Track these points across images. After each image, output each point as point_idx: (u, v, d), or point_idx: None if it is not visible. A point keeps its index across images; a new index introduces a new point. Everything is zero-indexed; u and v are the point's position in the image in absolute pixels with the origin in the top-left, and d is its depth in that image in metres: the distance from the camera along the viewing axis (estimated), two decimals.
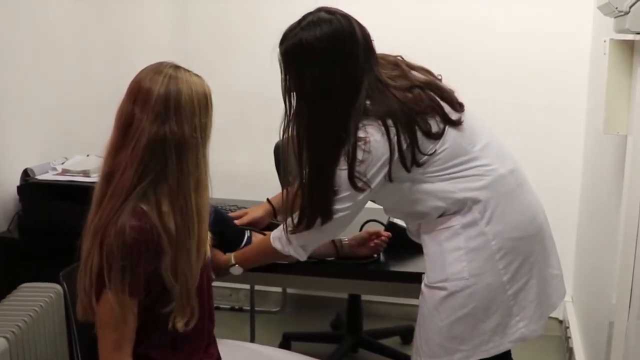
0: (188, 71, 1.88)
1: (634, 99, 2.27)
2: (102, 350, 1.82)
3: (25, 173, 2.73)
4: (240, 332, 3.80)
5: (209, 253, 1.98)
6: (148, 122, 1.80)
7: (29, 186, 2.71)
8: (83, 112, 3.23)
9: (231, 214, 2.61)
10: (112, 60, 3.53)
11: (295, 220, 2.09)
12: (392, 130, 1.96)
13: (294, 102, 2.03)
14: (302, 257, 2.16)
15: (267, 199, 2.59)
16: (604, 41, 2.38)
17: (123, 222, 1.76)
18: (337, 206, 2.04)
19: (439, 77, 2.15)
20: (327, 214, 2.04)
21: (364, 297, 3.68)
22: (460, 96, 2.13)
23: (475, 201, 2.04)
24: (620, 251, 2.31)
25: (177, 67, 1.87)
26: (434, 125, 2.01)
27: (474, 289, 2.03)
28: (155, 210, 1.78)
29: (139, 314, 1.82)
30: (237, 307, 4.20)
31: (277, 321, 4.11)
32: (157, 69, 1.87)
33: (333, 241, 2.38)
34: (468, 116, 2.10)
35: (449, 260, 2.06)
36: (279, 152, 3.47)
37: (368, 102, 1.98)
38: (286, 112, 2.04)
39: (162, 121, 1.80)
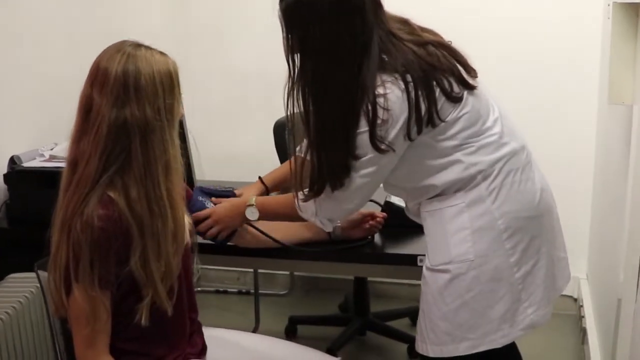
0: (150, 49, 1.78)
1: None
2: (76, 347, 1.75)
3: (12, 160, 2.67)
4: (246, 316, 3.73)
5: (188, 239, 1.88)
6: (107, 106, 1.71)
7: (16, 174, 2.64)
8: (73, 97, 3.13)
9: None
10: (104, 44, 3.44)
11: (306, 190, 1.97)
12: (411, 86, 1.82)
13: (297, 63, 1.89)
14: (328, 227, 2.04)
15: (259, 177, 2.47)
16: (608, 5, 2.25)
17: (90, 211, 1.67)
18: (361, 171, 1.90)
19: (450, 42, 1.99)
20: (342, 181, 1.90)
21: (371, 278, 3.58)
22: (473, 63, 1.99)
23: (485, 176, 1.91)
24: (628, 227, 2.21)
25: (138, 45, 1.77)
26: (453, 86, 1.87)
27: (480, 270, 1.90)
28: (123, 198, 1.70)
29: (113, 306, 1.74)
30: (244, 291, 4.13)
31: (284, 304, 4.04)
32: (116, 48, 1.77)
33: None
34: (481, 85, 1.97)
35: (453, 241, 1.92)
36: (280, 132, 3.39)
37: (385, 57, 1.84)
38: (290, 74, 1.90)
39: (122, 104, 1.70)
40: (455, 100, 1.87)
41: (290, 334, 3.61)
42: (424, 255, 2.05)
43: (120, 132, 1.70)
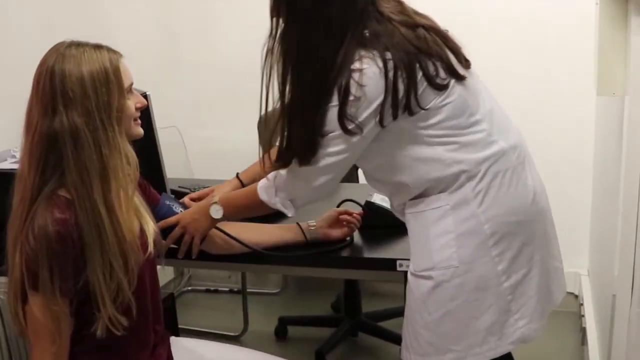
0: (84, 46, 1.67)
1: (630, 54, 2.01)
2: None
3: None
4: (237, 316, 3.63)
5: (151, 248, 1.77)
6: (39, 115, 1.63)
7: None
8: None
9: (193, 194, 2.40)
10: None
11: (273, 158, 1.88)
12: (390, 65, 1.70)
13: (282, 25, 1.79)
14: (290, 211, 1.94)
15: (237, 174, 2.39)
16: None
17: (42, 221, 1.59)
18: (327, 149, 1.79)
19: (446, 31, 1.87)
20: (308, 156, 1.80)
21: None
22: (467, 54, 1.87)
23: (470, 176, 1.79)
24: (621, 219, 2.10)
25: (73, 44, 1.67)
26: (439, 72, 1.76)
27: (465, 278, 1.79)
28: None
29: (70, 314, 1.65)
30: (235, 290, 4.02)
31: (276, 303, 3.93)
32: (53, 49, 1.67)
33: (299, 225, 2.17)
34: (474, 76, 1.86)
35: (436, 245, 1.81)
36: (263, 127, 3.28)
37: (366, 32, 1.73)
38: (271, 33, 1.80)
39: (52, 112, 1.61)
40: (440, 87, 1.76)
41: (280, 335, 3.52)
42: (405, 259, 1.97)
43: (52, 143, 1.61)
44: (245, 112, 3.82)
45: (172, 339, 2.02)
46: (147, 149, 2.33)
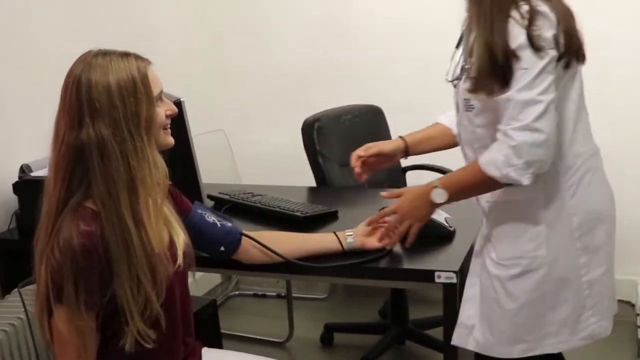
0: (112, 54, 1.63)
1: None
2: None
3: (22, 169, 2.58)
4: (283, 322, 3.58)
5: (180, 260, 1.73)
6: (66, 127, 1.59)
7: (25, 183, 2.55)
8: None
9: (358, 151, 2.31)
10: (129, 45, 3.34)
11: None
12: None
13: None
14: (525, 178, 1.74)
15: (400, 136, 2.29)
16: None
17: (67, 233, 1.55)
18: (520, 63, 1.71)
19: None
20: (507, 77, 1.72)
21: None
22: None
23: (566, 168, 1.83)
24: None
25: (100, 53, 1.63)
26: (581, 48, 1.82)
27: (550, 268, 1.83)
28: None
29: (96, 329, 1.62)
30: (282, 295, 3.97)
31: (323, 309, 3.88)
32: (80, 58, 1.64)
33: (336, 234, 2.11)
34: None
35: (526, 235, 1.84)
36: (308, 131, 3.23)
37: None
38: None
39: (79, 124, 1.57)
40: (581, 58, 1.83)
41: (326, 342, 3.46)
42: (443, 271, 1.94)
43: (78, 155, 1.58)
44: (291, 115, 3.83)
45: (204, 350, 1.98)
46: (182, 156, 2.31)
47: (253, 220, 2.52)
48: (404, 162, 3.49)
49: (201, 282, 3.85)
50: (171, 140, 1.77)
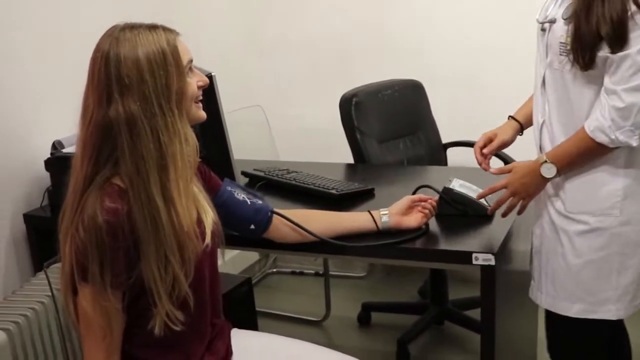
0: (139, 28, 1.57)
1: None
2: (86, 357, 1.60)
3: (54, 146, 2.55)
4: (320, 300, 3.52)
5: (208, 239, 1.68)
6: (95, 103, 1.54)
7: (56, 160, 2.52)
8: None
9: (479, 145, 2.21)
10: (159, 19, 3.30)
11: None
12: None
13: None
14: (635, 140, 1.75)
15: (510, 116, 2.21)
16: None
17: (91, 211, 1.51)
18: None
19: None
20: (624, 37, 1.68)
21: None
22: None
23: None
24: None
25: (127, 27, 1.57)
26: None
27: (621, 230, 1.83)
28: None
29: (122, 310, 1.58)
30: (321, 273, 3.92)
31: (362, 287, 3.82)
32: (107, 33, 1.59)
33: (370, 213, 2.04)
34: None
35: (603, 191, 1.84)
36: (346, 106, 3.15)
37: None
38: None
39: (108, 100, 1.53)
40: None
41: (363, 321, 3.41)
42: (481, 252, 1.87)
43: (107, 133, 1.53)
44: (330, 89, 3.75)
45: (234, 331, 1.94)
46: (214, 132, 2.26)
47: (287, 198, 2.46)
48: (445, 139, 3.43)
49: (238, 260, 3.81)
50: (203, 113, 1.72)
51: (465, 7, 3.62)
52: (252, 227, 1.97)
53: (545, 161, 1.86)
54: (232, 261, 3.77)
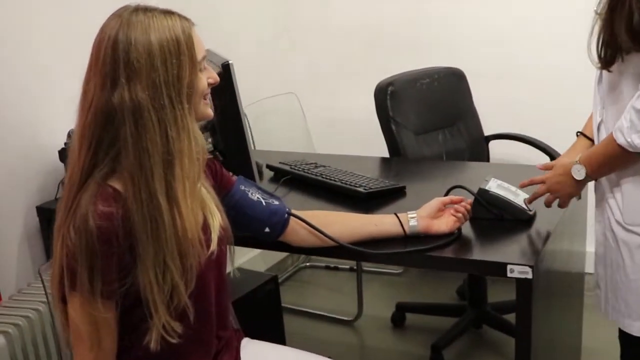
0: (153, 11, 1.43)
1: None
2: None
3: (69, 135, 2.43)
4: (354, 298, 3.36)
5: (214, 246, 1.53)
6: (97, 88, 1.41)
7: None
8: None
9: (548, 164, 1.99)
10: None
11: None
12: None
13: None
14: None
15: (578, 132, 2.00)
16: None
17: (83, 212, 1.38)
18: None
19: None
20: None
21: None
22: None
23: None
24: None
25: (140, 9, 1.44)
26: None
27: None
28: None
29: (117, 320, 1.45)
30: (355, 268, 3.76)
31: (397, 285, 3.65)
32: (116, 13, 1.45)
33: (397, 216, 1.87)
34: None
35: None
36: (381, 96, 2.98)
37: None
38: None
39: (112, 85, 1.39)
40: None
41: (397, 322, 3.24)
42: (517, 264, 1.69)
43: (109, 120, 1.39)
44: (366, 77, 3.59)
45: (245, 341, 1.79)
46: (231, 124, 2.11)
47: (311, 195, 2.32)
48: (487, 131, 3.25)
49: (268, 254, 3.67)
50: (210, 112, 1.57)
51: None
52: (267, 230, 1.82)
53: (577, 162, 1.77)
54: (262, 255, 3.64)
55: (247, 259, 3.55)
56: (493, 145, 3.25)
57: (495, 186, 1.98)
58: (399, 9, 3.65)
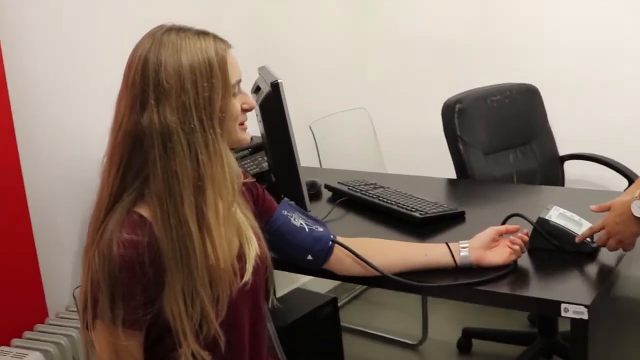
0: (187, 31, 1.40)
1: None
2: None
3: None
4: (419, 319, 3.24)
5: (248, 276, 1.47)
6: (126, 109, 1.38)
7: None
8: None
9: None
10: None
11: None
12: None
13: None
14: None
15: None
16: None
17: (107, 237, 1.35)
18: None
19: None
20: None
21: None
22: None
23: None
24: None
25: (174, 29, 1.41)
26: None
27: None
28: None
29: (144, 351, 1.41)
30: None
31: (464, 308, 3.50)
32: (149, 33, 1.42)
33: (448, 245, 1.78)
34: None
35: None
36: (449, 114, 2.88)
37: None
38: None
39: (141, 106, 1.36)
40: None
41: (463, 349, 3.12)
42: (572, 303, 1.56)
43: (138, 142, 1.36)
44: (439, 92, 3.47)
45: None
46: (280, 146, 2.06)
47: (367, 218, 2.25)
48: (562, 151, 3.10)
49: None
50: (247, 137, 1.52)
51: (590, 6, 3.24)
52: (310, 257, 1.75)
53: (637, 197, 1.61)
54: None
55: (310, 278, 3.49)
56: (568, 165, 3.10)
57: (556, 215, 1.86)
58: (474, 21, 3.53)
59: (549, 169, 3.04)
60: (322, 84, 3.68)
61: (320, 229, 1.76)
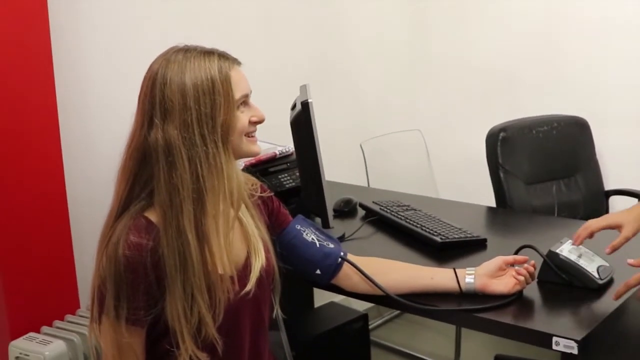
0: (195, 51, 1.50)
1: None
2: None
3: None
4: (451, 341, 3.27)
5: (250, 286, 1.56)
6: (137, 125, 1.49)
7: None
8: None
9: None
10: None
11: None
12: None
13: None
14: None
15: None
16: None
17: (115, 240, 1.45)
18: None
19: None
20: None
21: None
22: None
23: None
24: None
25: (182, 49, 1.51)
26: None
27: None
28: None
29: (145, 348, 1.52)
30: None
31: None
32: (162, 54, 1.53)
33: (455, 271, 1.82)
34: None
35: None
36: (492, 142, 2.90)
37: None
38: None
39: (149, 124, 1.46)
40: None
41: None
42: (564, 337, 1.59)
43: (145, 158, 1.47)
44: (494, 118, 3.50)
45: None
46: (307, 163, 2.14)
47: (392, 237, 2.31)
48: (607, 186, 3.07)
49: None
50: (257, 148, 1.61)
51: None
52: (318, 272, 1.82)
53: None
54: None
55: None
56: (613, 201, 3.07)
57: (568, 249, 1.88)
58: (535, 56, 3.51)
59: (592, 203, 3.02)
60: (380, 103, 3.74)
61: (331, 246, 1.83)
